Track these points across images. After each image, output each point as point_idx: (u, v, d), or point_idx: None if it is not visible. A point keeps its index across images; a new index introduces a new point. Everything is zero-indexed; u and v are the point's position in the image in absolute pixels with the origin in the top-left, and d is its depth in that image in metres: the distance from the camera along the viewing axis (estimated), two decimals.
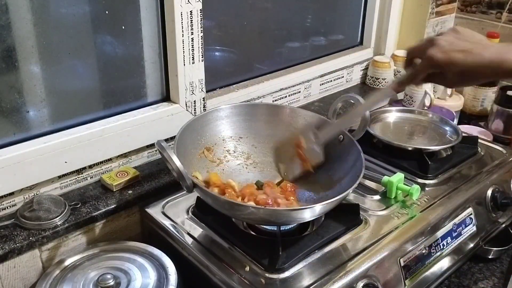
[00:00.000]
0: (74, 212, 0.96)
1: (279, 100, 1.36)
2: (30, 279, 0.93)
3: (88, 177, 1.04)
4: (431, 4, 1.56)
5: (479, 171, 1.17)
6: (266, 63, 1.39)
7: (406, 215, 0.99)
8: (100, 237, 1.00)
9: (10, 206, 0.95)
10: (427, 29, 1.59)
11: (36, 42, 0.92)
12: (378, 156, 1.18)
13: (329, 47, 1.55)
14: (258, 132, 1.09)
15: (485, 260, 1.11)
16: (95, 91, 1.06)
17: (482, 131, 1.45)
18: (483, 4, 1.61)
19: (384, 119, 1.34)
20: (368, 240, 0.92)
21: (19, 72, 0.92)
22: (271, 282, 0.82)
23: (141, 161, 1.12)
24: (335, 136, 1.01)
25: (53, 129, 0.99)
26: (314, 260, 0.87)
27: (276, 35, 1.42)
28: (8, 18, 0.87)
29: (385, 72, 1.55)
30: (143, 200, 1.03)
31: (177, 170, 0.82)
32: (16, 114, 0.93)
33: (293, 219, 0.90)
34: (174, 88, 1.12)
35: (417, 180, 1.11)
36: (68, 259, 0.91)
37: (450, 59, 0.77)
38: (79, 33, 0.98)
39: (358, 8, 1.59)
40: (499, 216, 1.15)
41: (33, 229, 0.90)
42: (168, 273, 0.87)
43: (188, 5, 1.04)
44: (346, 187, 0.90)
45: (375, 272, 0.87)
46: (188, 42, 1.07)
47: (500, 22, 1.58)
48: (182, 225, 0.96)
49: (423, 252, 0.96)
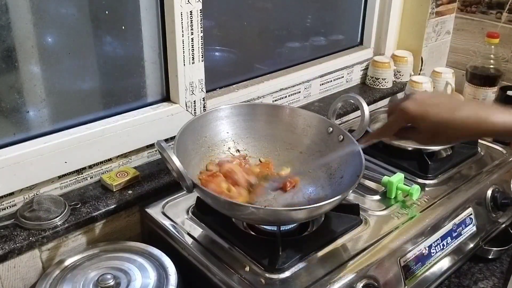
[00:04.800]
0: (74, 212, 0.96)
1: (279, 100, 1.36)
2: (30, 279, 0.93)
3: (88, 177, 1.04)
4: (431, 4, 1.56)
5: (479, 171, 1.17)
6: (266, 63, 1.39)
7: (406, 215, 1.00)
8: (100, 237, 1.00)
9: (10, 206, 0.95)
10: (427, 29, 1.59)
11: (36, 42, 0.92)
12: (378, 156, 1.18)
13: (329, 47, 1.55)
14: (258, 132, 1.09)
15: (485, 260, 1.11)
16: (95, 91, 1.06)
17: None
18: (483, 4, 1.61)
19: (384, 119, 1.32)
20: (368, 240, 0.92)
21: (19, 72, 0.92)
22: (271, 282, 0.82)
23: (141, 161, 1.12)
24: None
25: (53, 129, 0.98)
26: (314, 260, 0.87)
27: (276, 35, 1.42)
28: (8, 18, 0.87)
29: (385, 72, 1.54)
30: (143, 200, 1.03)
31: (177, 170, 0.82)
32: (16, 114, 0.93)
33: (293, 219, 0.90)
34: (174, 88, 1.12)
35: (417, 180, 1.11)
36: (68, 259, 0.91)
37: (422, 112, 0.76)
38: (79, 33, 0.98)
39: (358, 8, 1.59)
40: (499, 216, 1.15)
41: (33, 229, 0.90)
42: (168, 273, 0.87)
43: (188, 5, 1.04)
44: (346, 187, 0.90)
45: (375, 272, 0.87)
46: (188, 42, 1.07)
47: (500, 22, 1.58)
48: (182, 225, 0.96)
49: (423, 252, 0.96)
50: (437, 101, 0.77)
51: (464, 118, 0.74)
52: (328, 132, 1.05)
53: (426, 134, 0.77)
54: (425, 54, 1.63)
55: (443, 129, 0.75)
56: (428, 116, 0.75)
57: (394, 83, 1.59)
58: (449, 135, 0.77)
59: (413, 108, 0.76)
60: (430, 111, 0.75)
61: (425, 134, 0.77)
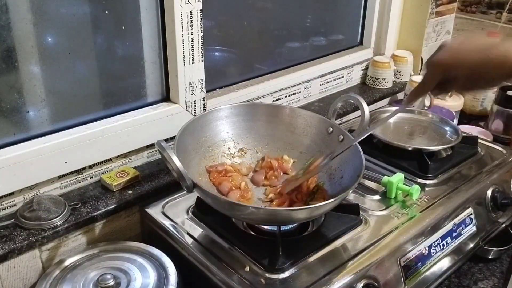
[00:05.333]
0: (74, 212, 0.96)
1: (279, 100, 1.36)
2: (30, 279, 0.93)
3: (88, 177, 1.04)
4: (431, 4, 1.56)
5: (479, 171, 1.17)
6: (266, 63, 1.39)
7: (406, 215, 0.99)
8: (100, 237, 1.00)
9: (10, 206, 0.95)
10: (427, 29, 1.59)
11: (36, 42, 0.92)
12: (378, 156, 1.18)
13: (329, 47, 1.55)
14: (258, 132, 1.09)
15: (485, 260, 1.11)
16: (95, 91, 1.06)
17: (482, 131, 1.45)
18: (483, 4, 1.61)
19: (384, 119, 1.34)
20: (368, 240, 0.92)
21: (19, 72, 0.92)
22: (271, 282, 0.82)
23: (141, 161, 1.12)
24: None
25: (53, 129, 0.98)
26: (314, 260, 0.87)
27: (276, 35, 1.42)
28: (8, 18, 0.87)
29: (385, 72, 1.55)
30: (143, 200, 1.03)
31: (177, 170, 0.82)
32: (16, 114, 0.93)
33: (293, 219, 0.90)
34: (174, 88, 1.12)
35: (417, 180, 1.11)
36: (68, 259, 0.91)
37: (457, 60, 0.74)
38: (79, 33, 0.98)
39: (358, 8, 1.59)
40: (499, 216, 1.15)
41: (33, 229, 0.90)
42: (168, 273, 0.87)
43: (188, 5, 1.04)
44: (346, 187, 0.90)
45: (375, 272, 0.87)
46: (188, 42, 1.07)
47: (500, 22, 1.58)
48: (182, 225, 0.96)
49: (423, 252, 0.96)
50: (468, 45, 0.74)
51: (498, 56, 0.71)
52: (328, 132, 1.05)
53: (464, 81, 0.74)
54: (425, 54, 1.63)
55: (478, 72, 0.72)
56: (461, 62, 0.73)
57: (394, 83, 1.59)
58: (488, 77, 0.74)
59: (445, 58, 0.74)
60: (463, 58, 0.73)
61: (463, 82, 0.75)
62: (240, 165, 1.05)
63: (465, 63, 0.73)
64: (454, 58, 0.74)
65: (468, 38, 0.76)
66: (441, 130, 1.28)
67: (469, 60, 0.73)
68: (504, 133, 1.48)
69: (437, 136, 1.26)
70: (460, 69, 0.74)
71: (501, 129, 1.49)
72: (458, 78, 0.75)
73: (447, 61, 0.75)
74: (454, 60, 0.74)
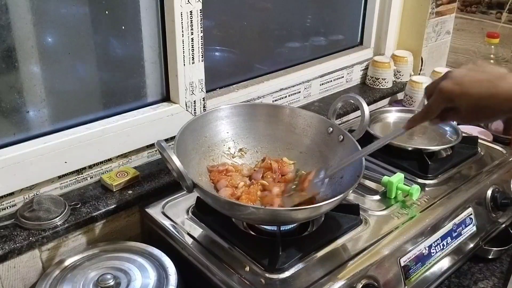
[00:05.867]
0: (74, 212, 0.96)
1: (279, 100, 1.36)
2: (30, 279, 0.93)
3: (88, 177, 1.04)
4: (431, 4, 1.56)
5: (479, 171, 1.17)
6: (266, 63, 1.39)
7: (406, 215, 0.99)
8: (100, 237, 1.00)
9: (10, 206, 0.95)
10: (427, 29, 1.59)
11: (36, 42, 0.92)
12: (378, 156, 1.18)
13: (329, 47, 1.55)
14: (258, 132, 1.09)
15: (485, 260, 1.11)
16: (95, 91, 1.06)
17: (482, 131, 1.45)
18: (483, 4, 1.61)
19: (384, 119, 1.34)
20: (368, 240, 0.92)
21: (19, 72, 0.92)
22: (271, 282, 0.82)
23: (141, 161, 1.12)
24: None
25: (53, 129, 0.98)
26: (314, 260, 0.87)
27: (276, 35, 1.42)
28: (8, 18, 0.87)
29: (385, 72, 1.55)
30: (143, 200, 1.03)
31: (177, 170, 0.82)
32: (16, 114, 0.93)
33: (293, 219, 0.90)
34: (174, 88, 1.12)
35: (417, 180, 1.11)
36: (68, 259, 0.91)
37: (462, 90, 0.71)
38: (79, 33, 0.98)
39: (358, 8, 1.59)
40: (499, 216, 1.15)
41: (33, 229, 0.90)
42: (168, 273, 0.87)
43: (188, 5, 1.04)
44: (346, 187, 0.90)
45: (375, 272, 0.87)
46: (188, 42, 1.07)
47: (500, 22, 1.58)
48: (182, 225, 0.96)
49: (423, 252, 0.96)
50: (475, 75, 0.72)
51: (507, 89, 0.68)
52: (328, 132, 1.05)
53: (468, 112, 0.72)
54: (425, 54, 1.63)
55: (483, 107, 0.70)
56: (467, 93, 0.71)
57: (394, 83, 1.59)
58: (494, 110, 0.71)
59: (451, 87, 0.72)
60: (469, 88, 0.71)
61: (467, 113, 0.73)
62: (242, 166, 1.05)
63: (472, 93, 0.71)
64: (460, 89, 0.72)
65: (474, 68, 0.74)
66: (441, 130, 1.28)
67: (475, 91, 0.71)
68: (504, 133, 1.48)
69: (437, 136, 1.26)
70: (465, 100, 0.72)
71: (501, 129, 1.49)
72: (461, 108, 0.73)
73: (453, 91, 0.72)
74: (460, 92, 0.72)
